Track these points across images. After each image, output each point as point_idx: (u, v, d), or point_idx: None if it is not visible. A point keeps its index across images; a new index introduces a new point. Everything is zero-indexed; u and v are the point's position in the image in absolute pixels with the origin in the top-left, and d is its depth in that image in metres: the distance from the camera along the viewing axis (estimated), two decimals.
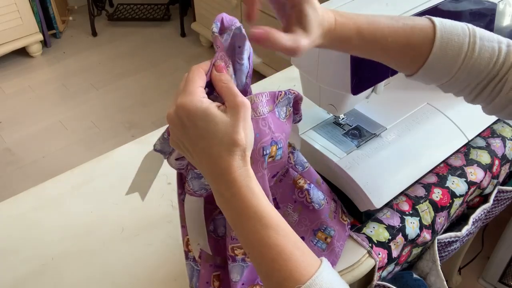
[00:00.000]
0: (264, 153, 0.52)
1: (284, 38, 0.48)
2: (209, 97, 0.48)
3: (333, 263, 0.67)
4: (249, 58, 0.53)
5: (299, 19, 0.50)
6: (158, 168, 0.56)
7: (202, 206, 0.56)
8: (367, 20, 0.54)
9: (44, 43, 2.83)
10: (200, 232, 0.57)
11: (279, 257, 0.42)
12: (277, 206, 0.66)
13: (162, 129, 0.94)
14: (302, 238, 0.67)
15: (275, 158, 0.55)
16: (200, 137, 0.46)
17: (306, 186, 0.64)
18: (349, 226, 0.71)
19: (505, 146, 0.86)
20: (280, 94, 0.55)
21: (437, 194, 0.77)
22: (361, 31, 0.53)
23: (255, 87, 1.06)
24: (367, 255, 0.70)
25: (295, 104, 0.59)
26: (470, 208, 0.90)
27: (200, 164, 0.48)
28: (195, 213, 0.56)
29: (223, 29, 0.51)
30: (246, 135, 0.45)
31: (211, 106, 0.45)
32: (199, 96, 0.46)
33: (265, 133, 0.52)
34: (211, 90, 0.50)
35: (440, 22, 0.53)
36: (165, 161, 0.57)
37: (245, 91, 0.55)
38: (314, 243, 0.67)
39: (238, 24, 0.51)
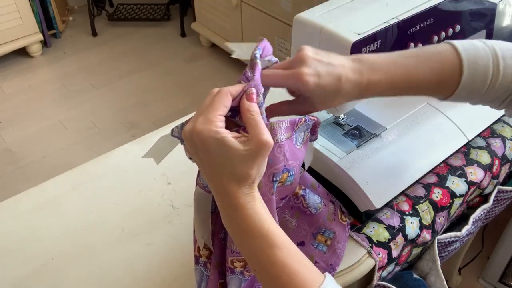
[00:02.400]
0: (274, 179, 0.52)
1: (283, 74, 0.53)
2: (231, 119, 0.49)
3: (335, 265, 0.67)
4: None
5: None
6: (174, 145, 0.55)
7: (209, 202, 0.57)
8: (401, 72, 0.55)
9: (44, 43, 2.83)
10: (205, 226, 0.57)
11: (284, 274, 0.44)
12: None
13: (162, 129, 0.95)
14: (303, 242, 0.67)
15: (284, 183, 0.55)
16: (212, 162, 0.46)
17: (301, 192, 0.64)
18: (349, 227, 0.71)
19: (505, 146, 0.86)
20: (300, 121, 0.55)
21: (437, 194, 0.77)
22: (395, 85, 0.55)
23: None
24: (367, 255, 0.70)
25: (313, 128, 0.59)
26: (470, 208, 0.90)
27: (208, 181, 0.49)
28: (202, 207, 0.57)
29: (264, 55, 0.53)
30: (258, 169, 0.46)
31: (228, 137, 0.45)
32: (216, 126, 0.45)
33: (279, 160, 0.52)
34: (235, 114, 0.50)
35: (464, 50, 0.55)
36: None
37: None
38: (315, 246, 0.67)
39: (274, 59, 0.54)
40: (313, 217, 0.66)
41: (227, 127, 0.47)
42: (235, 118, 0.50)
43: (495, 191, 0.87)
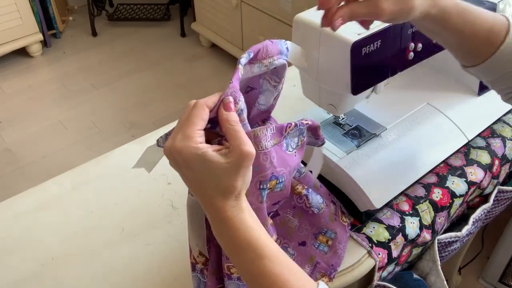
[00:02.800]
0: (261, 187, 0.51)
1: (359, 6, 0.51)
2: (212, 130, 0.48)
3: (336, 265, 0.67)
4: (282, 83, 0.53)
5: None
6: (161, 154, 0.55)
7: (202, 209, 0.56)
8: (465, 5, 0.56)
9: (44, 43, 2.83)
10: (200, 234, 0.57)
11: (275, 285, 0.44)
12: (276, 213, 0.66)
13: (162, 129, 0.95)
14: (304, 242, 0.67)
15: (273, 190, 0.54)
16: (196, 178, 0.46)
17: (304, 191, 0.64)
18: (349, 227, 0.71)
19: (505, 146, 0.86)
20: (290, 126, 0.54)
21: (437, 194, 0.77)
22: (460, 11, 0.56)
23: None
24: (367, 255, 0.70)
25: (314, 131, 0.58)
26: (470, 208, 0.90)
27: (195, 196, 0.48)
28: (195, 215, 0.56)
29: (259, 58, 0.50)
30: (243, 180, 0.46)
31: (208, 151, 0.44)
32: (195, 142, 0.45)
33: (265, 168, 0.51)
34: (215, 125, 0.48)
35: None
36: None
37: (269, 112, 0.55)
38: (316, 246, 0.67)
39: (281, 61, 0.52)
40: (315, 217, 0.66)
41: (208, 139, 0.47)
42: (216, 129, 0.49)
43: (495, 191, 0.87)
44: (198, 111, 0.46)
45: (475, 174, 0.81)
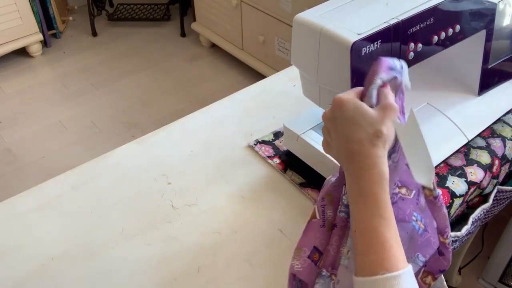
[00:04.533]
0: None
1: None
2: None
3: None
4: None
5: None
6: None
7: None
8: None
9: (44, 43, 2.83)
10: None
11: (379, 244, 0.48)
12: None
13: (162, 129, 0.95)
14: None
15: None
16: (346, 124, 0.52)
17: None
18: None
19: (505, 146, 0.86)
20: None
21: None
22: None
23: (255, 87, 1.06)
24: None
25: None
26: (470, 208, 0.90)
27: (344, 149, 0.53)
28: None
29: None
30: (388, 129, 0.51)
31: (363, 103, 0.52)
32: (353, 95, 0.54)
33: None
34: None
35: None
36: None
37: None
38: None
39: (395, 74, 0.56)
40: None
41: None
42: None
43: (495, 191, 0.87)
44: (355, 88, 0.56)
45: (475, 174, 0.81)
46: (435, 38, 0.70)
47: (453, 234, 0.81)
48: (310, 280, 0.59)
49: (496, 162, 0.84)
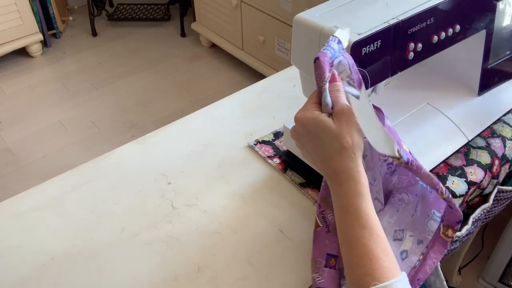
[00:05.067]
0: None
1: None
2: None
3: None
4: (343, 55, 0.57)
5: None
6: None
7: None
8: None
9: (44, 43, 2.83)
10: None
11: (366, 256, 0.47)
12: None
13: (162, 129, 0.95)
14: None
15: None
16: (313, 142, 0.53)
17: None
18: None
19: (505, 146, 0.86)
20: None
21: None
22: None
23: (255, 87, 1.06)
24: None
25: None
26: (470, 208, 0.90)
27: (314, 164, 0.55)
28: None
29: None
30: (351, 138, 0.51)
31: (321, 115, 0.52)
32: (310, 109, 0.53)
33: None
34: None
35: None
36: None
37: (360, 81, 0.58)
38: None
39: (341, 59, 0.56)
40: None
41: None
42: None
43: (495, 191, 0.87)
44: (312, 94, 0.56)
45: (475, 174, 0.81)
46: (435, 38, 0.70)
47: None
48: (335, 286, 0.60)
49: (496, 162, 0.84)
